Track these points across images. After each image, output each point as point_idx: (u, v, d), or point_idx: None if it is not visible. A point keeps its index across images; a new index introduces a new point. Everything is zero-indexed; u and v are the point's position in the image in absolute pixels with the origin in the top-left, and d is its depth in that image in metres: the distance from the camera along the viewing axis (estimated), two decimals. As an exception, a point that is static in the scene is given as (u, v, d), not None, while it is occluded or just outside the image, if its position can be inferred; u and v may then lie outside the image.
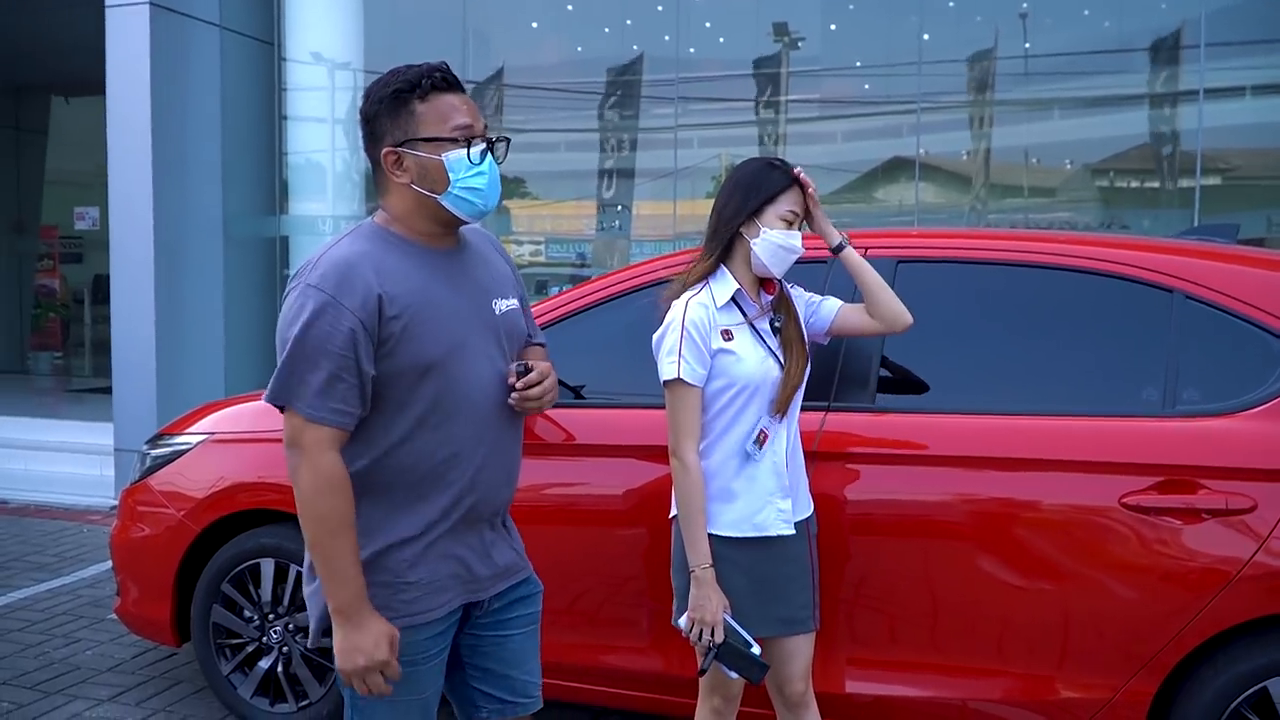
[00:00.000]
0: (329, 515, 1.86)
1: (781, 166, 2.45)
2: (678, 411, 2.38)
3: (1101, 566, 2.64)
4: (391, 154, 1.95)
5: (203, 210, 7.11)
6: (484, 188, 1.95)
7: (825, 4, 9.06)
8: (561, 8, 9.41)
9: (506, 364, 2.07)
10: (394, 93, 1.93)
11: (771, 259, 2.40)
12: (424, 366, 1.92)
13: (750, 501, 2.40)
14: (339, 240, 1.97)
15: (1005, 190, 8.62)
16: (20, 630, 4.43)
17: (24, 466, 7.83)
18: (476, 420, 1.99)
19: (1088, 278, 2.85)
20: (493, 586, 2.10)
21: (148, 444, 3.77)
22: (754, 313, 2.45)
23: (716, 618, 2.32)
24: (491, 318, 2.06)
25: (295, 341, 1.84)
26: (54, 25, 8.96)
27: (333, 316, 1.83)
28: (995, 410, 2.80)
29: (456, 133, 1.92)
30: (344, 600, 1.87)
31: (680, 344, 2.36)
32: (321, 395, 1.84)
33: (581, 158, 9.68)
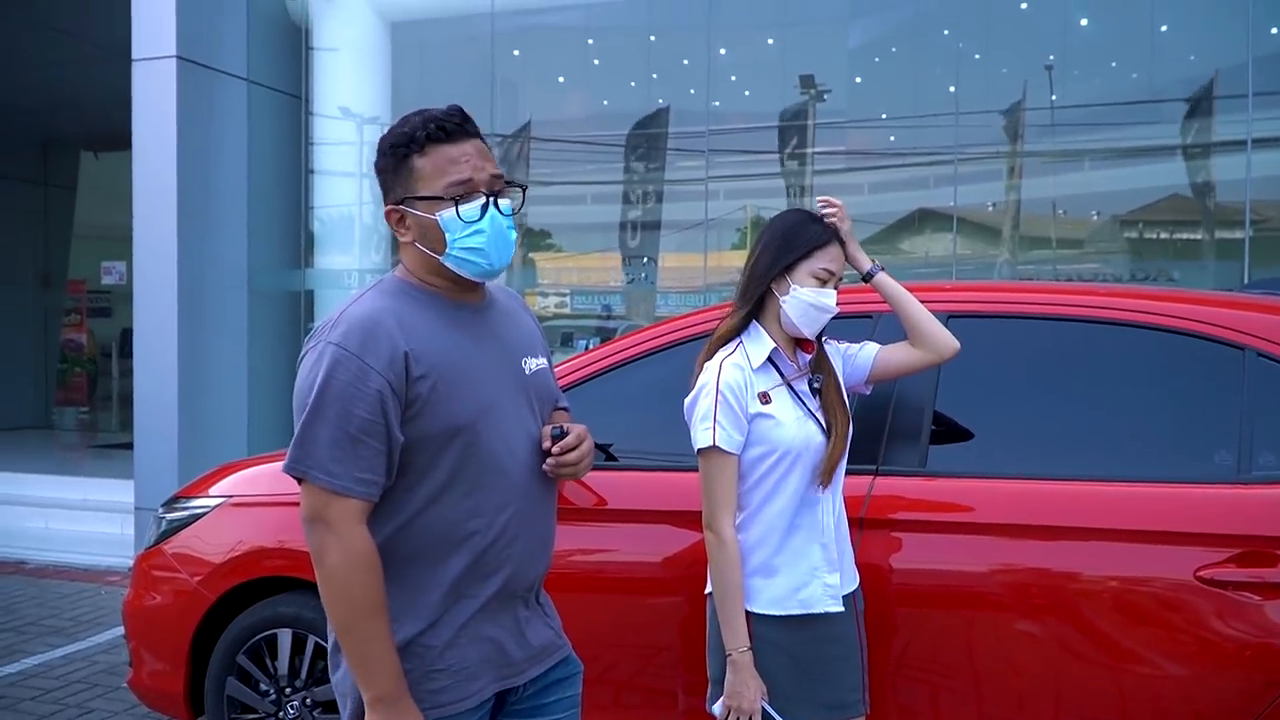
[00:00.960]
0: (363, 597, 1.69)
1: (819, 221, 2.31)
2: (713, 481, 2.21)
3: (1174, 645, 2.45)
4: (394, 212, 1.83)
5: (228, 264, 7.08)
6: (484, 246, 1.79)
7: (851, 57, 9.06)
8: (588, 62, 9.45)
9: (539, 426, 1.93)
10: (392, 147, 1.81)
11: (802, 318, 2.25)
12: (453, 430, 1.77)
13: (794, 576, 2.23)
14: (360, 296, 1.83)
15: (1035, 242, 8.52)
16: (33, 699, 4.28)
17: (44, 525, 7.75)
18: (508, 488, 1.84)
19: (1152, 334, 2.68)
20: (529, 670, 1.93)
21: (163, 507, 3.64)
22: (792, 373, 2.29)
23: (755, 706, 2.16)
24: (522, 378, 1.92)
25: (316, 405, 1.69)
26: (83, 81, 9.05)
27: (358, 377, 1.68)
28: (1056, 475, 2.62)
29: (450, 190, 1.77)
30: (384, 688, 1.70)
31: (715, 409, 2.19)
32: (346, 464, 1.68)
33: (607, 210, 9.67)
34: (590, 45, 9.41)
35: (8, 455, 9.69)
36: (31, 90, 10.29)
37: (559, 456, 1.89)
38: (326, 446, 1.69)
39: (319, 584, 1.72)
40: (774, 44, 9.22)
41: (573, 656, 2.06)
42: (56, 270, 13.12)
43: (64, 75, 9.45)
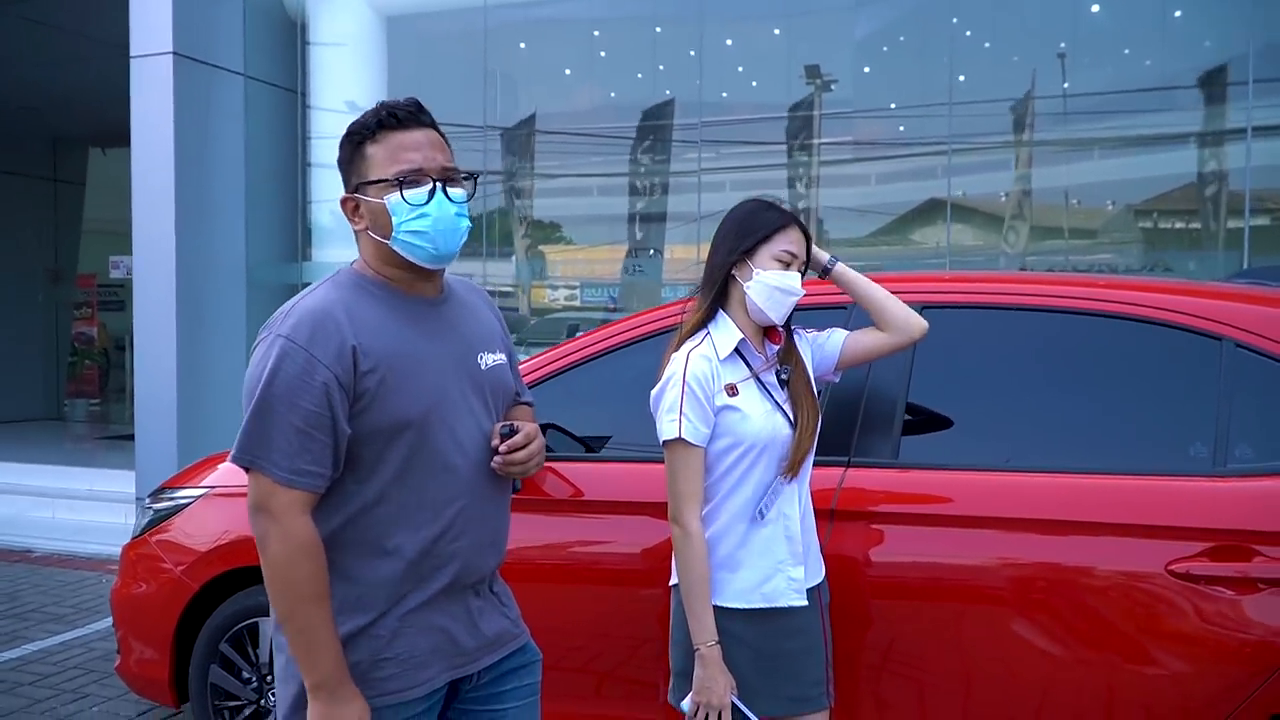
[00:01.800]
0: (303, 583, 1.71)
1: (778, 206, 2.30)
2: (679, 474, 2.20)
3: (1144, 640, 2.43)
4: (349, 201, 1.87)
5: (226, 258, 7.13)
6: (428, 230, 1.80)
7: (858, 47, 9.02)
8: (594, 54, 9.44)
9: (492, 422, 1.94)
10: (348, 136, 1.85)
11: (767, 302, 2.23)
12: (401, 424, 1.78)
13: (759, 570, 2.22)
14: (315, 288, 1.85)
15: (1045, 232, 8.46)
16: (30, 684, 4.34)
17: (51, 514, 7.83)
18: (456, 482, 1.85)
19: (1128, 324, 2.67)
20: (481, 659, 1.94)
21: (150, 497, 3.68)
22: (759, 365, 2.28)
23: (724, 700, 2.14)
24: (476, 372, 1.93)
25: (263, 397, 1.71)
26: (90, 78, 9.10)
27: (306, 370, 1.70)
28: (1028, 467, 2.62)
29: (398, 174, 1.80)
30: (324, 673, 1.72)
31: (681, 401, 2.18)
32: (292, 455, 1.70)
33: (614, 202, 9.67)
34: (596, 37, 9.40)
35: (17, 446, 9.80)
36: (40, 88, 10.38)
37: (507, 455, 1.90)
38: (273, 438, 1.70)
39: (263, 571, 1.74)
40: (780, 34, 9.20)
41: (530, 645, 2.07)
42: (67, 265, 13.23)
43: (71, 73, 9.52)
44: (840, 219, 8.98)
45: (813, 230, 8.71)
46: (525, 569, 2.95)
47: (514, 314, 9.16)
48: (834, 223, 8.99)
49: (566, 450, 3.06)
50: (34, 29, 8.33)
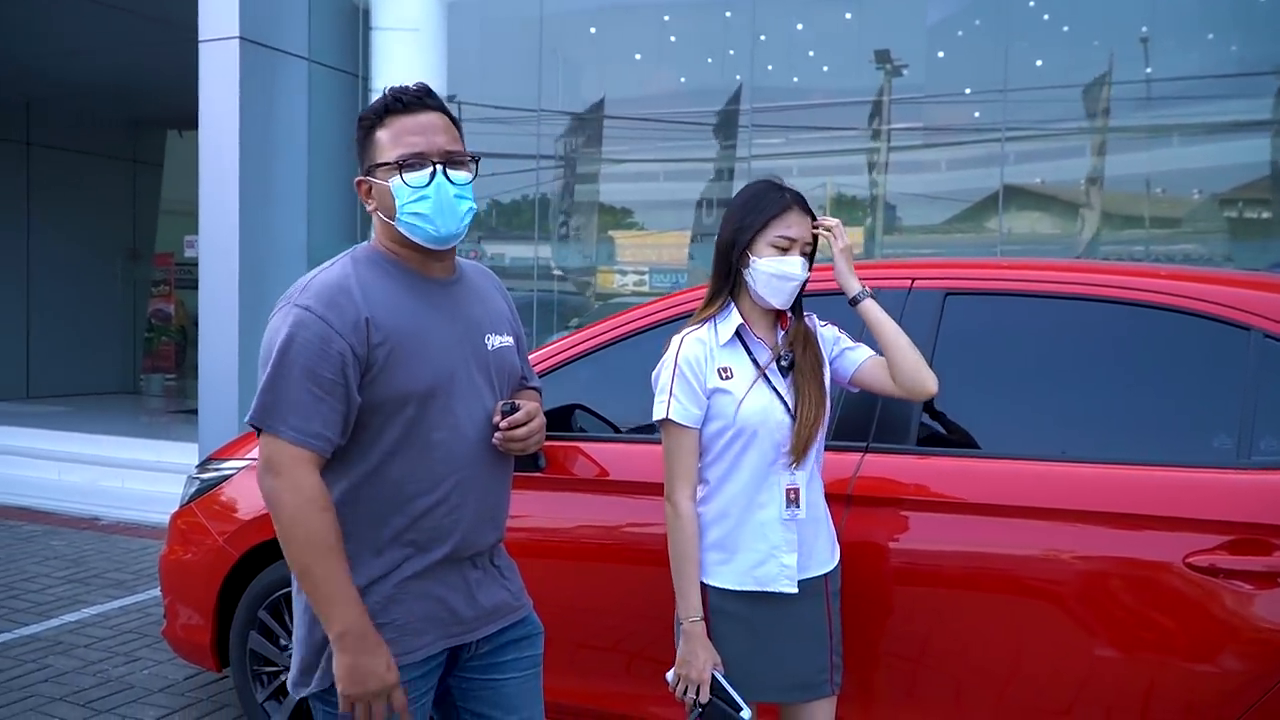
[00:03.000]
0: (318, 535, 1.76)
1: (780, 188, 2.28)
2: (671, 454, 2.24)
3: (1160, 633, 2.39)
4: (362, 183, 1.93)
5: (288, 238, 7.30)
6: (429, 213, 1.85)
7: (932, 31, 8.90)
8: (664, 39, 9.44)
9: (495, 401, 1.99)
10: (360, 120, 1.92)
11: (765, 289, 2.24)
12: (406, 396, 1.84)
13: (752, 554, 2.23)
14: (333, 263, 1.92)
15: (1124, 221, 8.27)
16: (86, 647, 4.52)
17: (120, 484, 8.12)
18: (457, 457, 1.91)
19: (1153, 313, 2.61)
20: (479, 629, 1.99)
21: (197, 468, 3.81)
22: (761, 350, 2.29)
23: (703, 675, 2.17)
24: (483, 352, 1.98)
25: (279, 362, 1.77)
26: (166, 63, 9.34)
27: (322, 338, 1.77)
28: (1049, 457, 2.58)
29: (400, 157, 1.85)
30: (348, 622, 1.76)
31: (672, 382, 2.22)
32: (305, 418, 1.77)
33: (683, 187, 9.68)
34: (665, 22, 9.40)
35: (93, 418, 10.18)
36: (119, 72, 10.71)
37: (508, 431, 1.94)
38: (288, 402, 1.77)
39: (276, 530, 1.80)
40: (851, 19, 9.11)
41: (532, 617, 2.11)
42: (144, 244, 13.66)
43: (148, 57, 9.80)
44: (911, 205, 8.89)
45: (881, 217, 8.70)
46: (552, 547, 3.01)
47: (577, 298, 9.24)
48: (904, 209, 8.91)
49: (595, 431, 3.11)
50: (112, 15, 8.60)
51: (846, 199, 9.00)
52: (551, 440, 2.93)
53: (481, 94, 8.85)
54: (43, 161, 12.52)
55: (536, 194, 8.90)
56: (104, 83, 11.17)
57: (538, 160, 8.71)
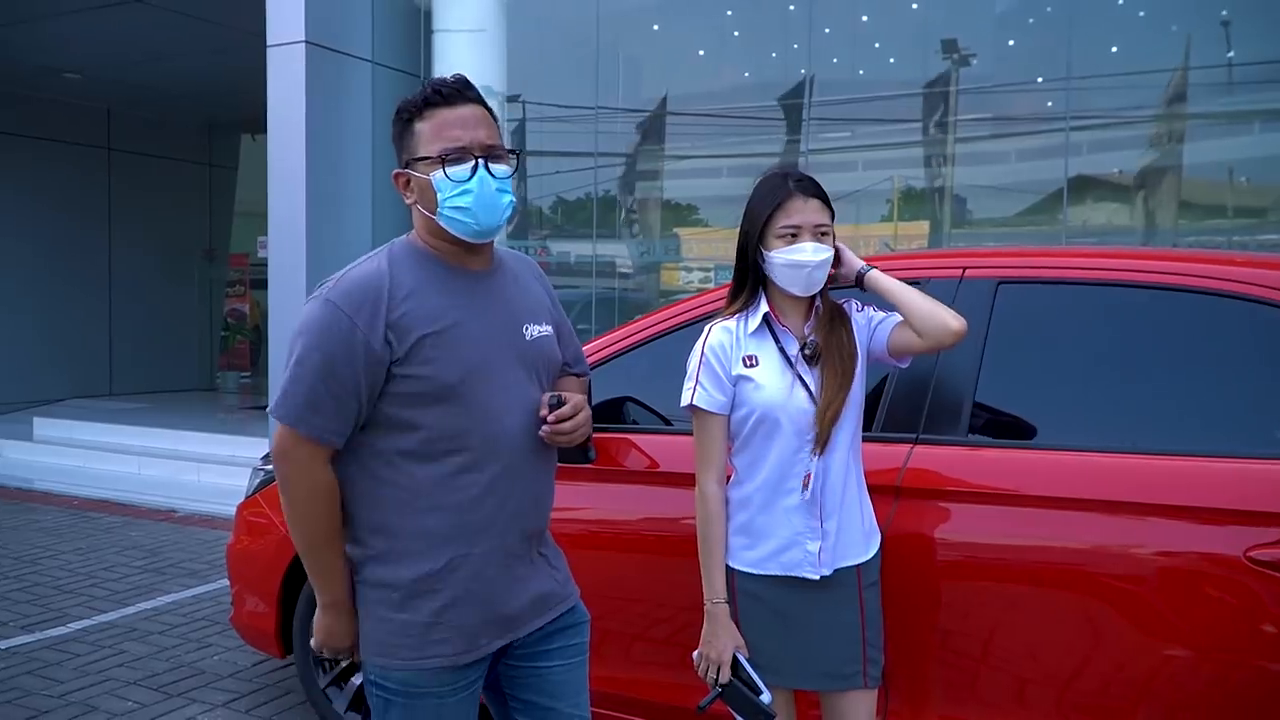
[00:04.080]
0: (320, 523, 1.88)
1: (783, 177, 2.27)
2: (698, 439, 2.30)
3: (1219, 628, 2.33)
4: (401, 175, 1.94)
5: (353, 239, 7.44)
6: (470, 206, 1.86)
7: (999, 19, 8.77)
8: (727, 34, 9.43)
9: (538, 391, 1.99)
10: (399, 112, 1.93)
11: (783, 279, 2.24)
12: (441, 388, 1.85)
13: (777, 539, 2.25)
14: (368, 257, 1.94)
15: (1204, 210, 8.06)
16: (160, 633, 4.68)
17: (196, 478, 8.37)
18: (496, 447, 1.91)
19: (1212, 299, 2.54)
20: (530, 623, 2.00)
21: (262, 460, 3.92)
22: (787, 338, 2.29)
23: (724, 656, 2.21)
24: (520, 342, 1.98)
25: (302, 357, 1.81)
26: (241, 68, 9.60)
27: (345, 335, 1.79)
28: (1104, 448, 2.53)
29: (442, 151, 1.86)
30: (334, 596, 1.94)
31: (699, 369, 2.28)
32: (322, 414, 1.81)
33: (746, 183, 9.62)
34: (729, 17, 9.38)
35: (171, 415, 10.50)
36: (194, 77, 11.02)
37: (554, 424, 1.95)
38: (306, 396, 1.80)
39: (284, 510, 1.90)
40: (918, 8, 9.00)
41: (579, 606, 2.12)
42: (220, 244, 14.03)
43: (221, 62, 10.08)
44: (980, 198, 8.77)
45: (949, 210, 8.58)
46: (603, 538, 3.04)
47: (639, 295, 9.27)
48: (973, 202, 8.79)
49: (645, 422, 3.13)
50: (187, 22, 8.86)
51: (915, 192, 8.90)
52: (601, 432, 2.96)
53: (542, 93, 8.93)
54: (123, 166, 12.93)
55: (597, 192, 8.95)
56: (181, 89, 11.51)
57: (596, 158, 8.76)
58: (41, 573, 5.66)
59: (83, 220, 12.53)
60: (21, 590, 5.31)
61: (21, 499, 7.84)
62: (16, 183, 11.79)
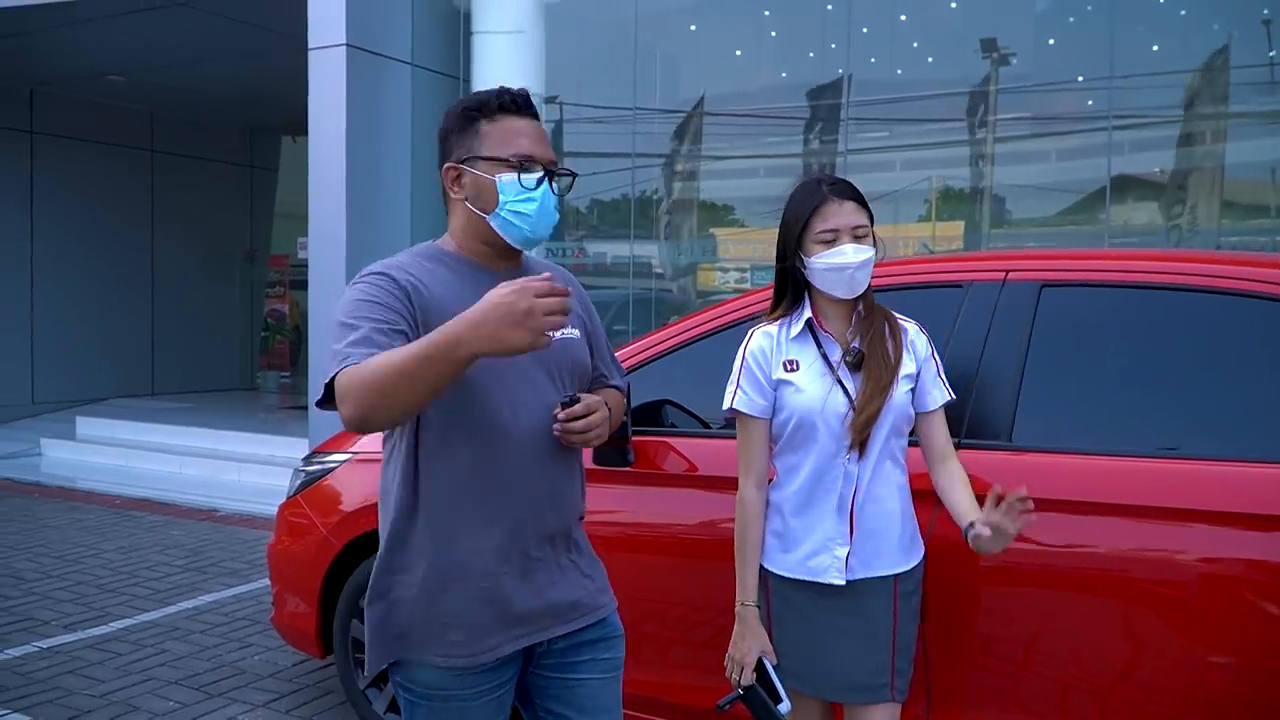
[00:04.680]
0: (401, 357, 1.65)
1: (816, 182, 2.26)
2: (740, 443, 2.32)
3: (1273, 639, 2.29)
4: (452, 169, 1.94)
5: (392, 240, 7.49)
6: (531, 214, 1.90)
7: (1040, 18, 8.69)
8: (764, 34, 9.40)
9: (556, 393, 1.97)
10: (464, 110, 1.94)
11: (825, 284, 2.23)
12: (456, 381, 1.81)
13: (809, 543, 2.25)
14: (397, 255, 1.98)
15: (1246, 210, 7.94)
16: (201, 632, 4.72)
17: (237, 478, 8.46)
18: (508, 444, 1.89)
19: (1262, 303, 2.49)
20: (551, 628, 1.97)
21: (303, 461, 3.95)
22: (829, 343, 2.27)
23: (748, 659, 2.23)
24: None
25: (343, 317, 1.79)
26: (282, 70, 9.69)
27: (386, 288, 1.81)
28: (1150, 453, 2.49)
29: (515, 156, 1.90)
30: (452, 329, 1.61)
31: (740, 374, 2.30)
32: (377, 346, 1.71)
33: (783, 184, 9.61)
34: (766, 17, 9.36)
35: (212, 414, 10.63)
36: (236, 80, 11.14)
37: (565, 424, 1.92)
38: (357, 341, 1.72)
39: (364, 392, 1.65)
40: (956, 7, 8.93)
41: (613, 619, 2.07)
42: (260, 245, 14.19)
43: (263, 65, 10.17)
44: (1019, 197, 8.69)
45: (988, 210, 8.49)
46: (641, 541, 3.03)
47: (676, 296, 9.26)
48: (1013, 202, 8.72)
49: (684, 426, 3.12)
50: (229, 25, 8.95)
51: (953, 192, 8.83)
52: (640, 435, 2.95)
53: (580, 94, 8.95)
54: (165, 167, 13.11)
55: (634, 192, 8.95)
56: (222, 91, 11.65)
57: (633, 159, 8.76)
58: (84, 571, 5.74)
59: (126, 221, 12.71)
60: (64, 589, 5.39)
61: (65, 498, 7.96)
62: (61, 183, 11.98)
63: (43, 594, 5.29)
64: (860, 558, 2.23)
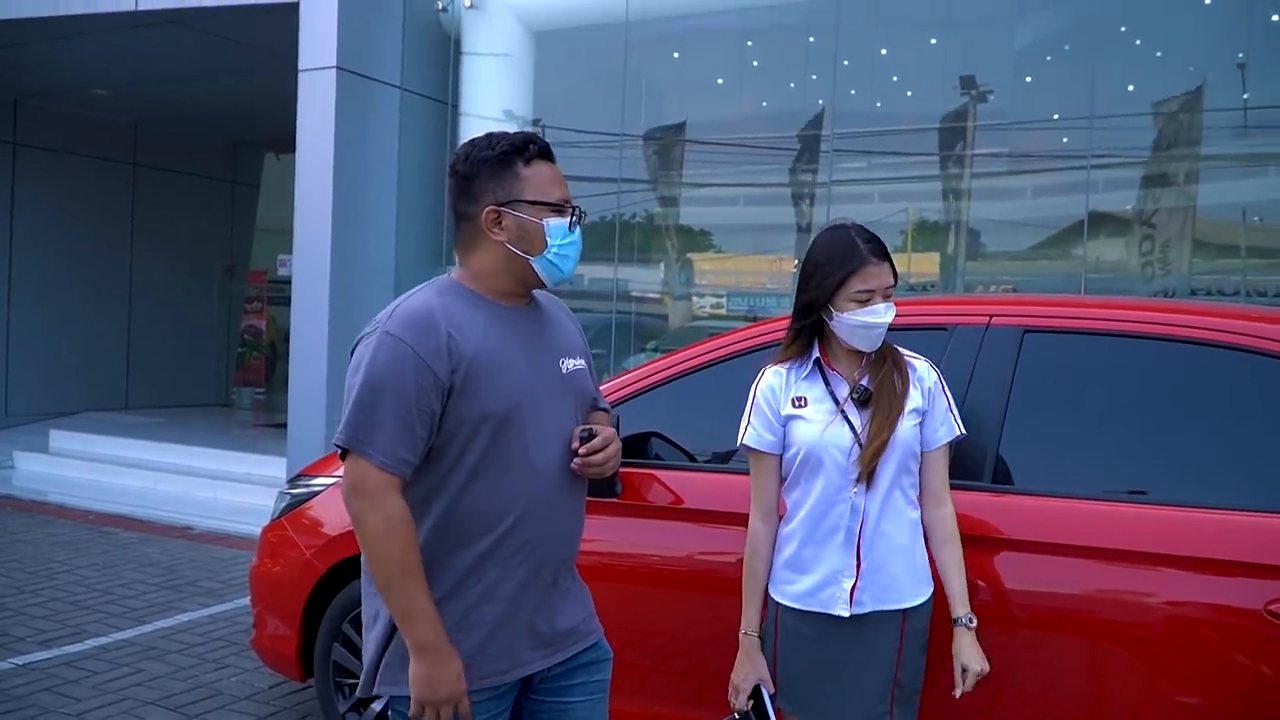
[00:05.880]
0: (401, 557, 1.85)
1: (853, 241, 2.31)
2: (751, 476, 2.42)
3: (1239, 680, 2.35)
4: (493, 212, 1.98)
5: (377, 260, 7.53)
6: (571, 256, 2.02)
7: (1019, 57, 8.83)
8: (746, 64, 9.51)
9: (573, 423, 2.06)
10: (500, 154, 1.98)
11: (852, 338, 2.32)
12: (486, 417, 1.91)
13: (817, 575, 2.31)
14: (415, 292, 2.01)
15: (1217, 250, 8.09)
16: (178, 652, 4.71)
17: (212, 495, 8.41)
18: (535, 476, 1.98)
19: (1237, 355, 2.58)
20: (560, 651, 2.06)
21: (288, 483, 3.95)
22: (838, 382, 2.36)
23: (744, 686, 2.32)
24: (559, 376, 2.07)
25: (370, 387, 1.86)
26: (268, 88, 9.71)
27: (412, 364, 1.85)
28: (1126, 499, 2.56)
29: (564, 202, 2.01)
30: (426, 636, 1.86)
31: (750, 410, 2.39)
32: (394, 443, 1.84)
33: (761, 211, 9.72)
34: (748, 47, 9.46)
35: (187, 430, 10.55)
36: (222, 97, 11.14)
37: (585, 457, 2.02)
38: (377, 427, 1.84)
39: (361, 548, 1.89)
40: (936, 44, 9.08)
41: (603, 642, 2.17)
42: (239, 261, 14.13)
43: (249, 83, 10.19)
44: (994, 232, 8.81)
45: (964, 244, 8.60)
46: (626, 572, 3.07)
47: (655, 321, 9.31)
48: (987, 236, 8.84)
49: (671, 459, 3.16)
50: (220, 44, 8.97)
51: (928, 225, 8.95)
52: (627, 467, 2.99)
53: (565, 119, 9.02)
54: (147, 181, 13.05)
55: (617, 217, 9.02)
56: (208, 107, 11.63)
57: (619, 184, 8.84)
58: (59, 588, 5.70)
59: (105, 234, 12.64)
60: (39, 605, 5.35)
61: (37, 511, 7.89)
62: (42, 195, 11.90)
63: (16, 609, 5.25)
64: (868, 591, 2.29)
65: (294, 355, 7.38)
